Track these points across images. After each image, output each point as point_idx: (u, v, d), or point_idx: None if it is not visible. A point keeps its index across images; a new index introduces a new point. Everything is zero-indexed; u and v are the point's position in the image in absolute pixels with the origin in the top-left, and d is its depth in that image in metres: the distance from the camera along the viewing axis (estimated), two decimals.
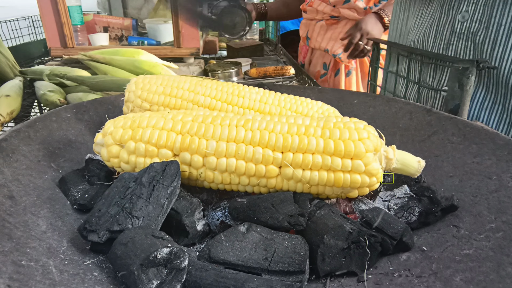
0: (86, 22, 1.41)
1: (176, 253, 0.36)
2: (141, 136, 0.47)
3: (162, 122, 0.48)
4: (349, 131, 0.46)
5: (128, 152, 0.47)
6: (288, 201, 0.45)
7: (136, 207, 0.39)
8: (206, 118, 0.48)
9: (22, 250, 0.34)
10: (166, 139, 0.46)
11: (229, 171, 0.46)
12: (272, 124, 0.47)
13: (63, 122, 0.59)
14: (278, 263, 0.40)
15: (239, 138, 0.46)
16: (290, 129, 0.46)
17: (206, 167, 0.47)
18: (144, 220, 0.39)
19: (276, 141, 0.46)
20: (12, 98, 1.12)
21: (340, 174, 0.45)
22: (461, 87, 0.59)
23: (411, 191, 0.48)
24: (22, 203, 0.41)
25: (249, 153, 0.46)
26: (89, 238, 0.38)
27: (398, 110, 0.66)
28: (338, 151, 0.45)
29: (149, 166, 0.43)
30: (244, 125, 0.47)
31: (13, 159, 0.46)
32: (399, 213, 0.48)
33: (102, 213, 0.39)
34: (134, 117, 0.49)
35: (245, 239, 0.42)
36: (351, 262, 0.41)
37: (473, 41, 0.70)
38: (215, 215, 0.47)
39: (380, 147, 0.46)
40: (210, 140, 0.46)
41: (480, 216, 0.45)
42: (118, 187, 0.41)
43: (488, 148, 0.52)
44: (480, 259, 0.39)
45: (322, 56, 1.56)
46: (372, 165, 0.45)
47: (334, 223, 0.42)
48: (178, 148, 0.46)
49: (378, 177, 0.46)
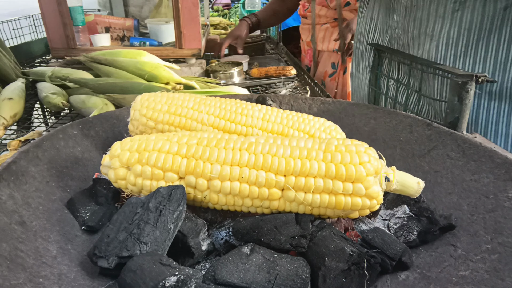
0: (87, 23, 1.41)
1: (183, 281, 0.37)
2: (147, 160, 0.48)
3: (168, 145, 0.49)
4: (350, 154, 0.47)
5: (134, 175, 0.48)
6: (291, 223, 0.46)
7: (143, 232, 0.41)
8: (211, 141, 0.49)
9: (35, 280, 0.35)
10: (171, 163, 0.48)
11: (233, 193, 0.47)
12: (275, 147, 0.48)
13: (69, 139, 0.60)
14: (281, 286, 0.41)
15: (243, 162, 0.47)
16: (293, 153, 0.47)
17: (210, 190, 0.48)
18: (152, 246, 0.41)
19: (278, 164, 0.47)
20: (15, 101, 1.13)
21: (341, 197, 0.46)
22: (460, 100, 0.60)
23: (410, 211, 0.50)
24: (32, 228, 0.43)
25: (253, 176, 0.47)
26: (98, 264, 0.39)
27: (398, 123, 0.67)
28: (339, 175, 0.46)
29: (156, 191, 0.44)
30: (247, 149, 0.48)
31: (22, 181, 0.48)
32: (398, 232, 0.49)
33: (111, 239, 0.40)
34: (141, 139, 0.50)
35: (248, 261, 0.44)
36: (352, 283, 0.43)
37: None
38: (219, 234, 0.49)
39: (380, 170, 0.47)
40: (214, 164, 0.47)
41: (477, 236, 0.47)
42: (126, 212, 0.43)
43: (486, 166, 0.53)
44: (476, 282, 0.41)
45: (330, 56, 1.64)
46: (372, 188, 0.46)
47: (335, 246, 0.43)
48: (184, 171, 0.48)
49: (379, 200, 0.47)
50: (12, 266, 0.34)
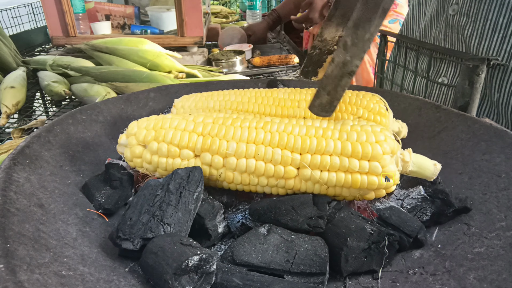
0: (87, 10, 1.39)
1: (206, 259, 0.38)
2: (164, 137, 0.48)
3: (184, 123, 0.49)
4: (366, 133, 0.47)
5: (150, 153, 0.49)
6: (308, 204, 0.47)
7: (166, 214, 0.41)
8: (226, 120, 0.49)
9: (60, 260, 0.35)
10: (188, 140, 0.48)
11: (248, 171, 0.48)
12: (290, 126, 0.48)
13: (79, 124, 0.60)
14: (300, 265, 0.42)
15: (259, 140, 0.48)
16: (308, 131, 0.48)
17: (226, 167, 0.48)
18: (175, 227, 0.41)
19: (294, 142, 0.47)
20: (17, 90, 1.12)
21: (358, 175, 0.46)
22: (471, 84, 0.60)
23: (425, 192, 0.50)
24: (51, 210, 0.43)
25: (268, 154, 0.47)
26: (123, 246, 0.40)
27: (407, 106, 0.67)
28: (355, 152, 0.46)
29: (174, 172, 0.45)
30: (263, 127, 0.48)
31: (37, 165, 0.48)
32: (411, 213, 0.50)
33: (133, 221, 0.40)
34: (157, 118, 0.50)
35: (266, 241, 0.44)
36: (372, 261, 0.43)
37: (462, 34, 0.71)
38: (235, 217, 0.49)
39: (396, 150, 0.47)
40: (230, 141, 0.47)
41: (490, 214, 0.47)
42: (146, 195, 0.43)
43: (497, 146, 0.54)
44: (492, 258, 0.41)
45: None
46: (389, 167, 0.46)
47: (356, 226, 0.44)
48: (200, 148, 0.48)
49: (395, 180, 0.47)
50: (37, 246, 0.34)
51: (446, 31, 0.76)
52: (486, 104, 0.73)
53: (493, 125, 0.56)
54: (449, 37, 0.76)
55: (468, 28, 0.71)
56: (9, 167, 0.42)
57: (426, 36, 0.82)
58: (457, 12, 0.72)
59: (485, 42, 0.69)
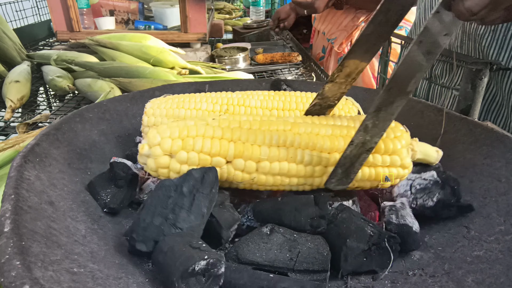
0: (91, 5, 1.39)
1: (213, 263, 0.38)
2: (193, 146, 0.48)
3: (212, 130, 0.49)
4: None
5: (179, 162, 0.48)
6: (310, 204, 0.48)
7: (179, 218, 0.42)
8: (253, 124, 0.51)
9: (71, 257, 0.36)
10: (219, 148, 0.48)
11: (280, 174, 0.50)
12: (317, 128, 0.51)
13: (86, 122, 0.61)
14: (303, 263, 0.43)
15: (290, 143, 0.49)
16: (334, 131, 0.51)
17: (258, 171, 0.49)
18: (188, 231, 0.42)
19: (323, 143, 0.50)
20: (21, 84, 1.13)
21: (380, 169, 0.50)
22: (473, 88, 0.61)
23: (438, 177, 0.51)
24: (61, 208, 0.44)
25: (299, 156, 0.49)
26: (137, 247, 0.41)
27: (409, 108, 0.68)
28: (378, 148, 0.50)
29: (188, 173, 0.45)
30: (291, 130, 0.50)
31: (46, 163, 0.49)
32: (419, 194, 0.51)
33: (147, 223, 0.41)
34: (180, 126, 0.49)
35: (269, 240, 0.45)
36: (372, 262, 0.45)
37: (479, 43, 0.71)
38: (240, 221, 0.50)
39: (409, 143, 0.52)
40: (262, 146, 0.49)
41: (490, 218, 0.48)
42: (160, 196, 0.43)
43: (498, 150, 0.55)
44: (490, 261, 0.42)
45: (323, 38, 1.54)
46: (406, 159, 0.51)
47: (356, 227, 0.45)
48: (232, 155, 0.48)
49: (410, 169, 0.52)
50: (49, 243, 0.35)
51: (463, 38, 0.76)
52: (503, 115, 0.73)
53: (494, 130, 0.57)
54: (466, 45, 0.75)
55: (487, 37, 0.70)
56: (20, 165, 0.43)
57: None
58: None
59: (505, 53, 0.68)
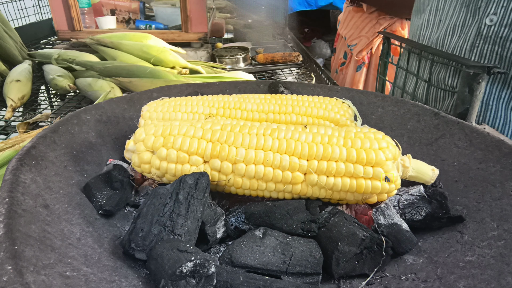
0: (93, 5, 1.40)
1: (201, 264, 0.38)
2: (173, 143, 0.50)
3: (193, 130, 0.50)
4: (369, 140, 0.49)
5: (159, 159, 0.50)
6: (301, 209, 0.48)
7: (177, 225, 0.42)
8: (234, 127, 0.51)
9: (64, 260, 0.37)
10: (197, 147, 0.49)
11: (257, 177, 0.49)
12: (297, 133, 0.50)
13: (83, 124, 0.61)
14: (296, 266, 0.43)
15: (267, 146, 0.49)
16: (315, 138, 0.50)
17: (235, 173, 0.50)
18: (185, 236, 0.43)
19: (302, 149, 0.49)
20: (22, 83, 1.14)
21: (362, 180, 0.49)
22: (471, 92, 0.61)
23: (425, 192, 0.51)
24: (56, 211, 0.44)
25: (277, 160, 0.49)
26: (136, 256, 0.42)
27: (406, 111, 0.68)
28: (360, 159, 0.48)
29: (182, 180, 0.46)
30: (271, 134, 0.50)
31: (42, 166, 0.49)
32: (406, 209, 0.51)
33: (145, 232, 0.42)
34: (165, 125, 0.51)
35: (263, 243, 0.46)
36: (364, 266, 0.45)
37: (501, 46, 0.69)
38: (229, 221, 0.50)
39: (397, 156, 0.50)
40: (239, 148, 0.49)
41: (483, 223, 0.48)
42: (156, 204, 0.44)
43: (493, 155, 0.55)
44: (482, 267, 0.43)
45: (344, 44, 1.52)
46: (391, 172, 0.49)
47: (348, 231, 0.45)
48: (209, 155, 0.49)
49: (397, 184, 0.50)
50: (43, 247, 0.36)
51: (475, 41, 0.75)
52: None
53: (490, 134, 0.57)
54: (478, 48, 0.74)
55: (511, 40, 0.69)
56: (16, 168, 0.44)
57: (443, 45, 0.80)
58: (496, 22, 0.70)
59: None
